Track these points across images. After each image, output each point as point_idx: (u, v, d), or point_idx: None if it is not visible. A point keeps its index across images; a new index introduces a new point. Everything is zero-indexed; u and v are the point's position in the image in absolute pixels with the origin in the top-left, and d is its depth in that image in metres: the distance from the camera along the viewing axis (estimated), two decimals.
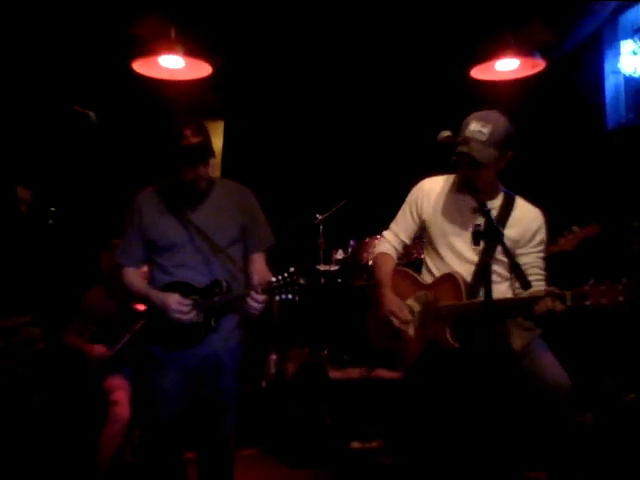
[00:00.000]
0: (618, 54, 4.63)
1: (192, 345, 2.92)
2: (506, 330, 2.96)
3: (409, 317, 2.88)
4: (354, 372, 4.95)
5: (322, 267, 5.67)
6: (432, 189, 2.97)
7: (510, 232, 2.80)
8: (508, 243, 2.74)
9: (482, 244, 2.69)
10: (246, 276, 3.04)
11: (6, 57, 4.25)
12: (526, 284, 2.56)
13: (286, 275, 2.80)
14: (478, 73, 4.60)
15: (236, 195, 3.08)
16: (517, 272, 2.64)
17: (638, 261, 4.27)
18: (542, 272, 2.83)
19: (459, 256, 2.86)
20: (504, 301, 2.73)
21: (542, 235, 2.86)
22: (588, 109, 4.85)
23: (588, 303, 2.44)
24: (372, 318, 3.12)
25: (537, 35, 4.25)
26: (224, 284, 2.93)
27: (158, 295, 2.91)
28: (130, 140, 5.23)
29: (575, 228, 2.52)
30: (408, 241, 3.05)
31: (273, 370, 5.01)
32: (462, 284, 2.77)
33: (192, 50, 4.22)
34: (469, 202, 2.75)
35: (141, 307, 3.50)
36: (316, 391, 4.60)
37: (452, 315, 2.77)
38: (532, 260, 2.82)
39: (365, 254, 5.29)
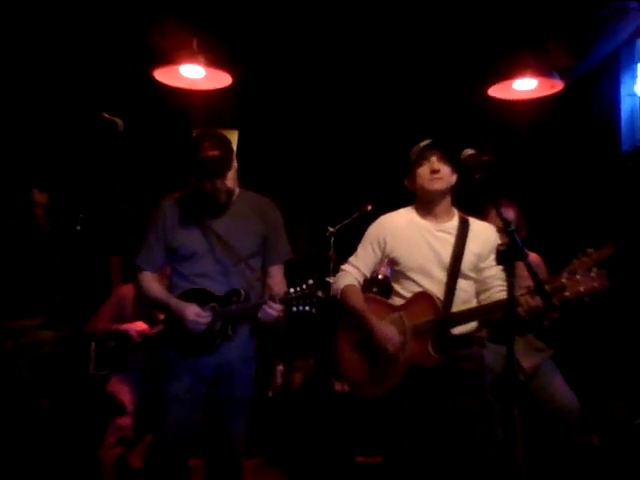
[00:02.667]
0: (635, 77, 4.66)
1: (208, 351, 2.91)
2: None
3: (402, 340, 2.88)
4: None
5: (332, 279, 5.66)
6: (394, 224, 3.03)
7: (473, 247, 2.92)
8: (473, 258, 2.91)
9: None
10: (263, 287, 3.04)
11: (32, 68, 4.29)
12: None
13: (304, 287, 2.79)
14: (496, 91, 4.60)
15: (258, 207, 3.09)
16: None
17: None
18: (504, 283, 2.88)
19: (429, 276, 2.91)
20: (481, 308, 2.87)
21: None
22: (603, 131, 4.86)
23: (567, 294, 2.53)
24: (345, 348, 3.10)
25: (556, 55, 4.26)
26: (242, 293, 2.92)
27: (177, 303, 2.91)
28: (149, 147, 5.27)
29: (590, 250, 2.54)
30: (368, 274, 3.10)
31: (280, 381, 5.01)
32: (437, 300, 2.86)
33: (213, 60, 4.25)
34: (430, 226, 2.96)
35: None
36: (322, 403, 4.60)
37: (432, 330, 2.83)
38: (495, 272, 2.91)
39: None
